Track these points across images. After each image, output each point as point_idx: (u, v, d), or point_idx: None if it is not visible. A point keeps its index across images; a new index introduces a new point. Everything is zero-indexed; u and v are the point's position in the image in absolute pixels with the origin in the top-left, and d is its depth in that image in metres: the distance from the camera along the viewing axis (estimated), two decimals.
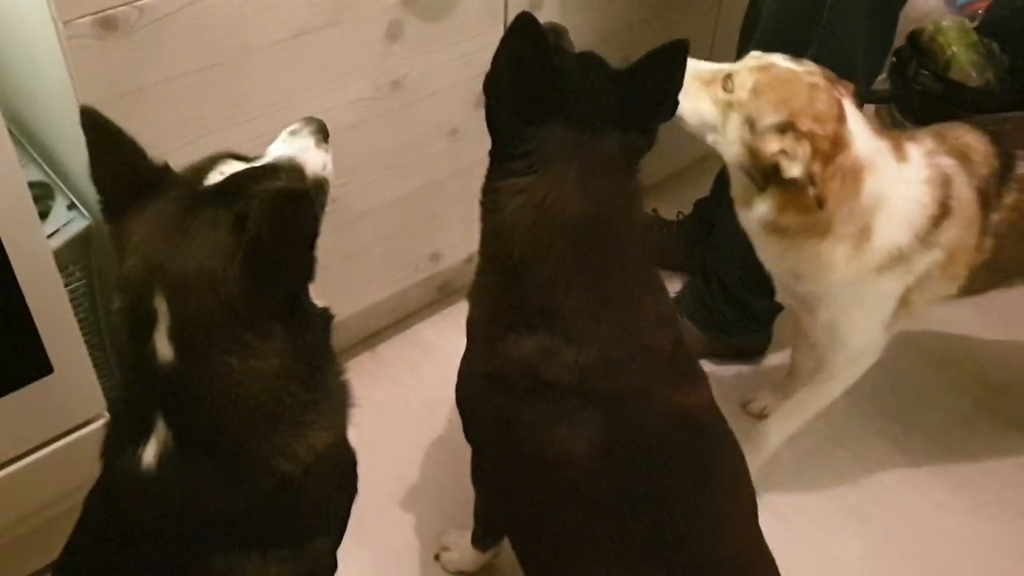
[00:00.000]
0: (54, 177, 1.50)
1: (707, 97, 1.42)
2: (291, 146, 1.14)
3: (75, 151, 1.40)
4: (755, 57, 1.44)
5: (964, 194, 1.48)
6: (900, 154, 1.44)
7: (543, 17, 1.75)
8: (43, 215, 1.44)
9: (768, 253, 1.51)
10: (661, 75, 1.20)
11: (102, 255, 1.48)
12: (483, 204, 1.25)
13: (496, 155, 1.25)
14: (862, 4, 1.67)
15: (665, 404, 1.21)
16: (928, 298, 1.54)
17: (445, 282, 2.07)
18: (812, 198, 1.34)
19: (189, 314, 0.96)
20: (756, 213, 1.42)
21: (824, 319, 1.56)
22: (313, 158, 1.13)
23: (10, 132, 1.21)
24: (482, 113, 1.26)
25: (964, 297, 1.56)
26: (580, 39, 1.84)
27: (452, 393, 1.86)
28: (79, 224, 1.46)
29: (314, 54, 1.50)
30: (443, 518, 1.72)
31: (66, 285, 1.40)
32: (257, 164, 1.08)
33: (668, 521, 1.19)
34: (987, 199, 1.50)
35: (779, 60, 1.41)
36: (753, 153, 1.38)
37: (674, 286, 2.12)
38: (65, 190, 1.48)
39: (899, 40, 2.30)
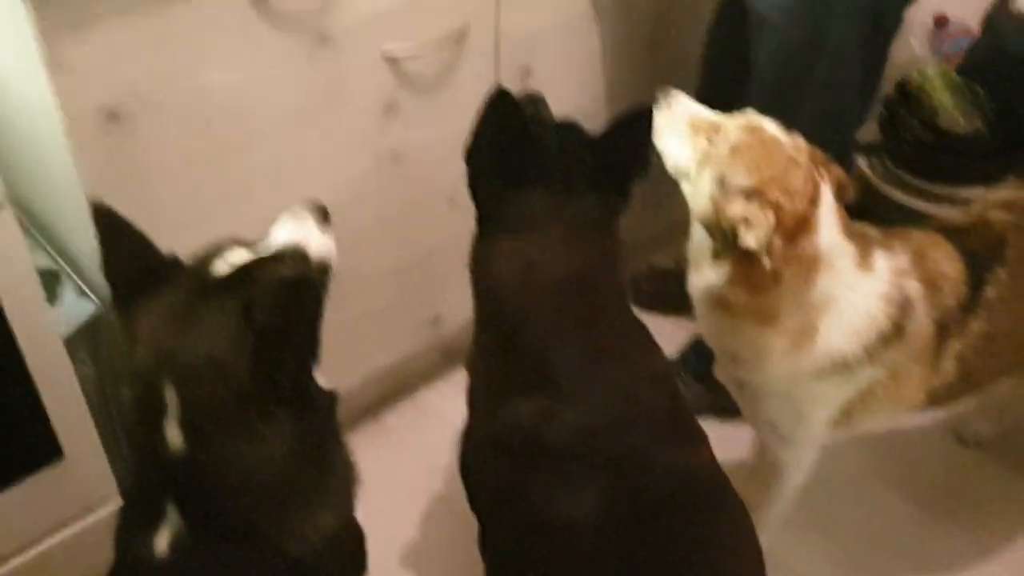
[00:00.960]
0: (63, 264, 1.53)
1: (690, 143, 1.40)
2: (294, 230, 1.16)
3: (82, 238, 1.44)
4: (748, 116, 1.41)
5: (922, 323, 1.44)
6: (865, 261, 1.39)
7: (534, 84, 1.82)
8: (52, 302, 1.47)
9: (707, 327, 1.45)
10: (630, 140, 1.25)
11: (111, 341, 1.50)
12: (472, 269, 1.29)
13: (481, 220, 1.29)
14: (856, 56, 1.70)
15: (666, 464, 1.22)
16: (874, 415, 1.49)
17: (447, 347, 2.09)
18: (767, 273, 1.28)
19: (198, 402, 0.98)
20: (704, 280, 1.37)
21: (762, 411, 1.52)
22: (316, 241, 1.16)
23: (19, 220, 1.24)
24: None
25: (930, 410, 1.55)
26: (572, 104, 1.88)
27: (455, 457, 1.87)
28: (88, 310, 1.49)
29: (314, 133, 1.53)
30: (454, 573, 1.71)
31: (75, 371, 1.42)
32: (262, 251, 1.11)
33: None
34: (946, 330, 1.46)
35: (769, 125, 1.37)
36: (717, 213, 1.32)
37: (676, 334, 2.12)
38: (74, 277, 1.51)
39: (886, 89, 2.35)
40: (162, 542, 1.03)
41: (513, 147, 1.23)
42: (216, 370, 0.97)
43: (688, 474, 1.25)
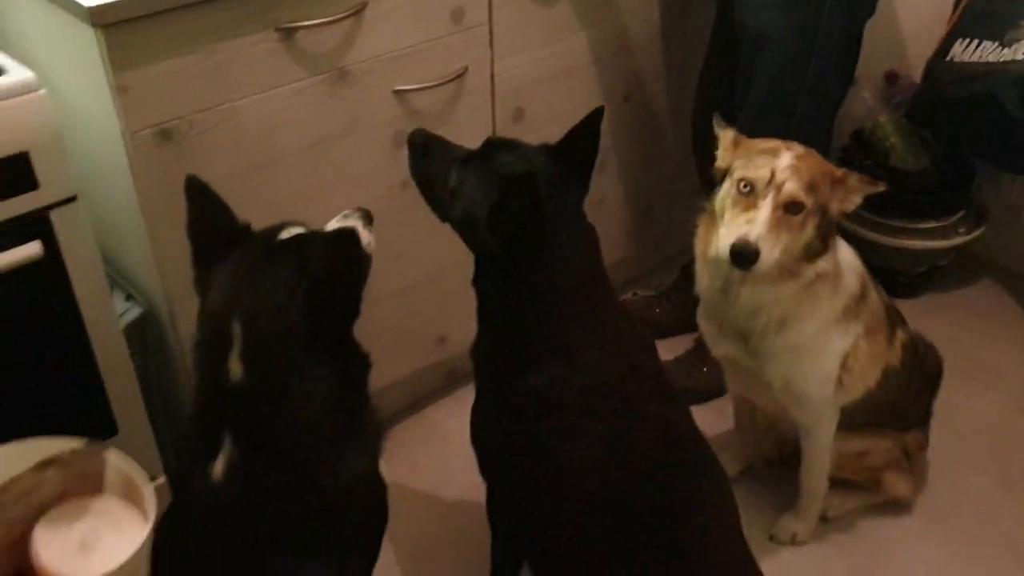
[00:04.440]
0: (113, 274, 1.72)
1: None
2: (345, 221, 1.38)
3: (133, 249, 1.64)
4: None
5: (875, 298, 1.74)
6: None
7: (525, 125, 2.05)
8: None
9: (771, 299, 1.63)
10: (587, 136, 1.45)
11: (154, 339, 1.69)
12: (481, 288, 1.49)
13: (503, 261, 1.44)
14: (835, 65, 1.96)
15: (655, 415, 1.42)
16: (860, 369, 1.74)
17: (452, 369, 2.27)
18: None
19: (259, 337, 1.18)
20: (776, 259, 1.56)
21: (778, 377, 1.72)
22: (362, 233, 1.37)
23: None
24: None
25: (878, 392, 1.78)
26: None
27: (462, 464, 2.03)
28: (135, 312, 1.69)
29: (333, 159, 1.76)
30: (459, 573, 1.87)
31: None
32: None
33: (664, 514, 1.37)
34: (893, 316, 1.77)
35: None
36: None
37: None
38: (123, 284, 1.71)
39: (843, 139, 2.59)
40: (218, 470, 1.21)
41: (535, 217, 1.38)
42: (275, 310, 1.17)
43: (671, 424, 1.44)
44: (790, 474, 1.95)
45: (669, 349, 2.29)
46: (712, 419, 2.13)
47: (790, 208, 1.54)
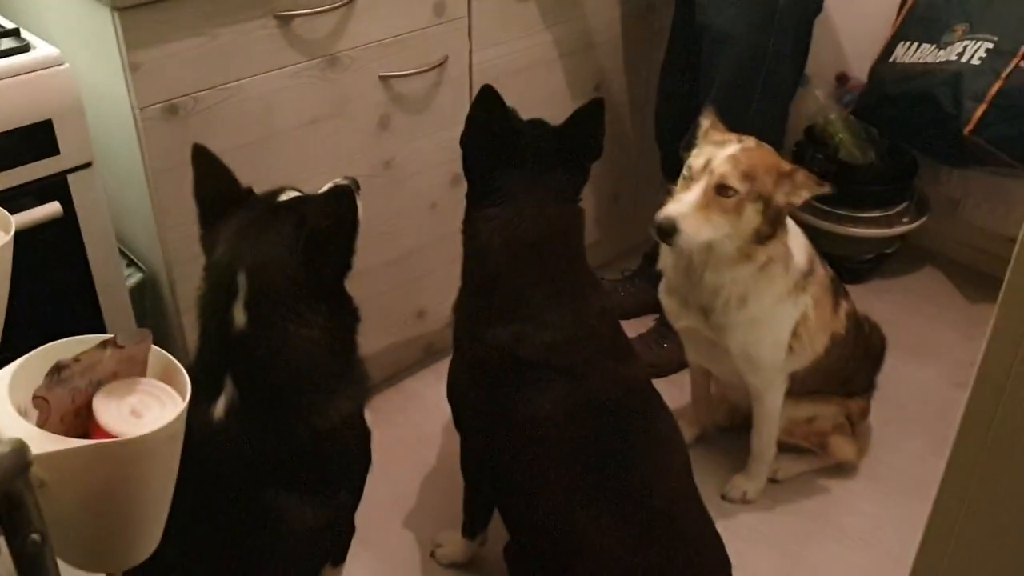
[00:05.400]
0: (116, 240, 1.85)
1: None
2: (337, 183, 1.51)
3: (136, 217, 1.77)
4: None
5: (821, 272, 1.91)
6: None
7: None
8: None
9: (730, 279, 1.80)
10: (586, 126, 1.60)
11: (152, 303, 1.82)
12: (464, 233, 1.63)
13: (472, 195, 1.63)
14: (788, 62, 2.12)
15: (611, 373, 1.56)
16: (810, 337, 1.90)
17: (430, 342, 2.41)
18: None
19: (261, 287, 1.31)
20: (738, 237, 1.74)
21: (736, 345, 1.89)
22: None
23: None
24: (456, 190, 1.65)
25: (825, 360, 1.95)
26: None
27: (438, 429, 2.18)
28: (135, 278, 1.82)
29: (324, 138, 1.90)
30: (434, 526, 2.02)
31: None
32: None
33: (621, 461, 1.52)
34: (837, 288, 1.95)
35: None
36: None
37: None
38: (125, 251, 1.84)
39: (797, 135, 2.77)
40: (220, 409, 1.34)
41: (499, 132, 1.57)
42: (276, 261, 1.31)
43: (627, 380, 1.59)
44: (742, 440, 2.12)
45: (633, 329, 2.43)
46: (672, 392, 2.27)
47: (720, 190, 1.69)
